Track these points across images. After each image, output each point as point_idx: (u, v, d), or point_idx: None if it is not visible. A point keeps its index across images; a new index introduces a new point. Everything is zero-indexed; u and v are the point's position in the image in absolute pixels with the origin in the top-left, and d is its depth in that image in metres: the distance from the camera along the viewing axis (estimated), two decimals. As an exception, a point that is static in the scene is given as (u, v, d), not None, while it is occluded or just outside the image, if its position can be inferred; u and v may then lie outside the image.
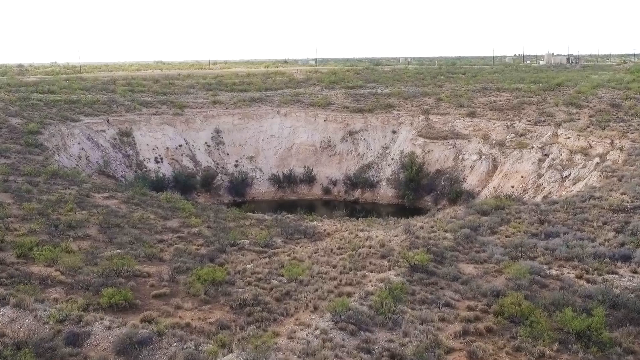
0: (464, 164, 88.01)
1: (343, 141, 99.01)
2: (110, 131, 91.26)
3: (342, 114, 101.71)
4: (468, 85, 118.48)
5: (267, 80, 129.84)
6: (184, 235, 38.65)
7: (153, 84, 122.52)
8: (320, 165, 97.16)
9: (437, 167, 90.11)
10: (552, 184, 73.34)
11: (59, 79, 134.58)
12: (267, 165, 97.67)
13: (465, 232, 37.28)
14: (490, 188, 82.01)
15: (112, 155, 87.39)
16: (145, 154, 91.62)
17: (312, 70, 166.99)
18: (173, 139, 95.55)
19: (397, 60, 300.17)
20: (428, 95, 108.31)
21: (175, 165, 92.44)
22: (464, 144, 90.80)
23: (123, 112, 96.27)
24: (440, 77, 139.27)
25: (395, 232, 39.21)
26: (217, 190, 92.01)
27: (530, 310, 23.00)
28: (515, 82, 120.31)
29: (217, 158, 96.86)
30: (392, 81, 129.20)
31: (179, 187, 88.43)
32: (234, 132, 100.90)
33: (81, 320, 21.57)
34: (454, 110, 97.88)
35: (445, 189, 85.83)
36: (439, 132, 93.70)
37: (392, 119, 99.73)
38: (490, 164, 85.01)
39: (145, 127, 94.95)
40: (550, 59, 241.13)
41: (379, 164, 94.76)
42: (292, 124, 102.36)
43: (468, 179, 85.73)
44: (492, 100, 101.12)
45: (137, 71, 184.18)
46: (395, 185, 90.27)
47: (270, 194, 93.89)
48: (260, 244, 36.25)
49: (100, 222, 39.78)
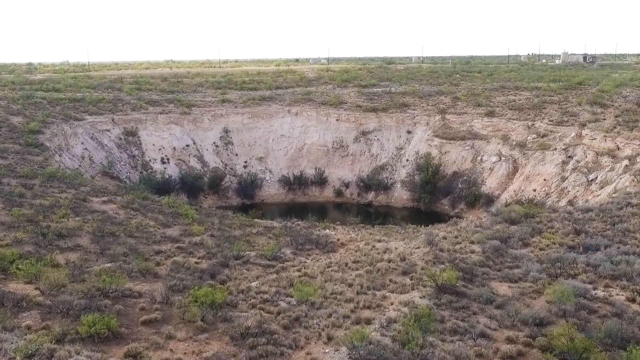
0: (483, 166, 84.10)
1: (356, 141, 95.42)
2: (115, 130, 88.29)
3: (355, 114, 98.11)
4: (485, 84, 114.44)
5: (277, 79, 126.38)
6: (185, 246, 35.28)
7: (161, 82, 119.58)
8: (332, 167, 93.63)
9: (454, 169, 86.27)
10: (578, 187, 69.34)
11: (65, 77, 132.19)
12: (277, 166, 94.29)
13: (494, 244, 33.63)
14: (511, 191, 78.12)
15: (116, 156, 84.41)
16: (151, 154, 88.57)
17: (324, 68, 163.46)
18: (180, 139, 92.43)
19: (410, 59, 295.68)
20: (444, 94, 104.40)
21: (182, 166, 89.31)
22: (483, 144, 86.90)
23: (129, 110, 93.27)
24: (456, 75, 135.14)
25: (416, 243, 35.65)
26: (225, 192, 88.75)
27: (586, 346, 19.35)
28: (534, 80, 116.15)
29: (225, 159, 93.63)
30: (406, 80, 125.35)
31: (185, 188, 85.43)
32: (243, 132, 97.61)
33: (53, 355, 18.24)
34: (471, 109, 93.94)
35: (463, 192, 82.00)
36: (456, 133, 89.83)
37: (407, 118, 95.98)
38: (510, 165, 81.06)
39: (151, 126, 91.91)
40: (566, 57, 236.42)
41: (394, 166, 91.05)
42: (303, 123, 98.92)
43: (487, 181, 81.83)
44: (511, 99, 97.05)
45: (146, 70, 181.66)
46: (410, 187, 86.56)
47: (280, 196, 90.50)
48: (268, 256, 32.80)
49: (94, 230, 36.53)
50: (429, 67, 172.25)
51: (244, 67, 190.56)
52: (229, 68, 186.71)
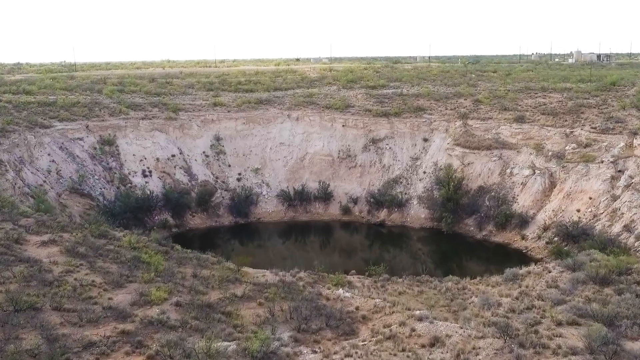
0: (513, 180, 72.59)
1: (365, 150, 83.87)
2: (89, 139, 76.89)
3: (364, 118, 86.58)
4: (506, 85, 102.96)
5: (276, 79, 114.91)
6: (132, 329, 23.80)
7: (148, 83, 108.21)
8: (338, 179, 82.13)
9: (479, 183, 74.77)
10: (634, 209, 57.94)
11: (45, 77, 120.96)
12: (276, 179, 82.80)
13: (597, 331, 22.12)
14: (549, 211, 66.67)
15: (89, 169, 73.02)
16: (130, 166, 77.15)
17: (327, 68, 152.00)
18: (165, 148, 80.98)
19: (414, 59, 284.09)
20: (463, 96, 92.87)
21: (167, 180, 77.85)
22: (512, 155, 75.37)
23: (106, 116, 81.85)
24: (471, 75, 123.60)
25: (475, 324, 24.11)
26: (216, 210, 77.35)
27: None
28: (560, 80, 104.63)
29: (216, 170, 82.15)
30: (417, 80, 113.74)
31: (169, 206, 74.16)
32: (237, 140, 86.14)
33: None
34: (497, 114, 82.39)
35: (491, 211, 70.47)
36: (481, 141, 78.32)
37: (423, 124, 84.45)
38: (546, 180, 69.56)
39: (132, 133, 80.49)
40: (579, 56, 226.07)
41: (409, 179, 79.52)
42: (305, 129, 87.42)
43: (519, 198, 70.34)
44: (540, 102, 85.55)
45: (137, 69, 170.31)
46: (428, 204, 75.04)
47: (278, 214, 79.00)
48: (255, 354, 21.31)
49: (5, 300, 25.13)
50: (439, 67, 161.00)
51: (242, 67, 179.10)
52: (226, 68, 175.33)
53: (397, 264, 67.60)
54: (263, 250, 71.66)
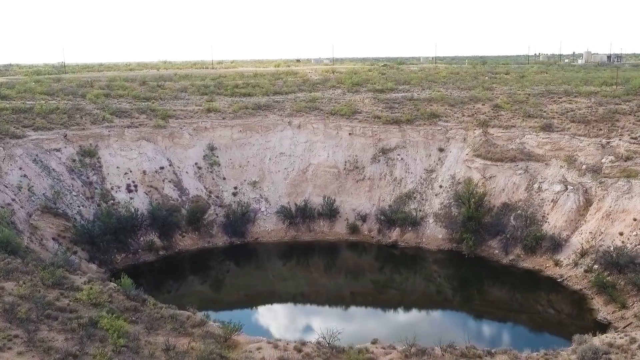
0: (542, 197, 64.63)
1: (374, 161, 75.90)
2: (67, 150, 68.98)
3: (373, 126, 78.61)
4: (525, 88, 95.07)
5: (276, 82, 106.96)
6: None
7: (138, 86, 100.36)
8: (344, 194, 74.18)
9: (503, 200, 66.82)
10: (691, 234, 50.01)
11: (28, 80, 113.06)
12: (275, 193, 74.83)
13: None
14: (585, 233, 58.71)
15: (67, 184, 65.03)
16: (113, 180, 69.19)
17: (329, 69, 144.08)
18: (152, 160, 73.01)
19: (418, 60, 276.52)
20: (480, 100, 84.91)
21: (154, 195, 69.89)
22: (540, 168, 67.47)
23: (88, 123, 73.93)
24: (484, 78, 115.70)
25: None
26: (209, 229, 69.48)
27: None
28: (582, 83, 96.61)
29: (209, 184, 74.17)
30: (427, 83, 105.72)
31: (156, 225, 66.29)
32: (233, 150, 78.18)
33: None
34: (520, 121, 74.46)
35: (518, 232, 62.57)
36: (504, 152, 70.39)
37: (438, 132, 76.52)
38: (580, 197, 61.62)
39: (116, 143, 72.56)
40: (589, 57, 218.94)
41: (423, 194, 71.58)
42: (308, 138, 79.46)
43: (550, 218, 62.40)
44: (566, 107, 77.61)
45: (130, 71, 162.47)
46: (446, 223, 67.14)
47: (279, 233, 71.04)
48: None
49: None
50: (447, 68, 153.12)
51: (240, 68, 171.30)
52: (223, 69, 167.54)
53: (413, 292, 59.70)
54: (261, 276, 63.81)
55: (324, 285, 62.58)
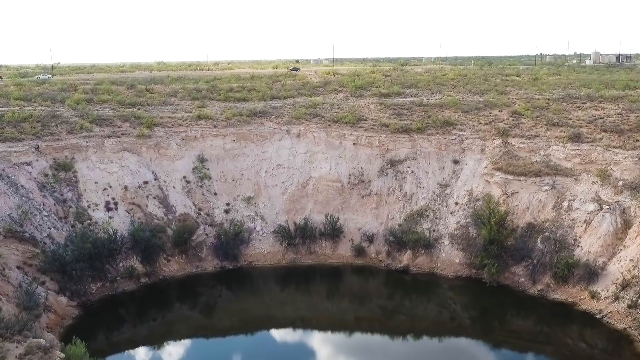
0: (573, 217, 57.27)
1: (381, 175, 68.49)
2: (39, 164, 61.59)
3: (379, 135, 71.21)
4: (542, 92, 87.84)
5: (273, 85, 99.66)
6: None
7: (125, 90, 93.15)
8: (348, 211, 66.79)
9: (527, 220, 59.43)
10: None
11: (11, 82, 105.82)
12: (272, 210, 67.43)
13: None
14: (625, 260, 51.34)
15: (37, 202, 57.62)
16: (91, 196, 61.78)
17: (330, 71, 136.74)
18: (135, 173, 65.57)
19: (420, 60, 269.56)
20: (496, 106, 77.57)
21: (137, 214, 62.45)
22: (569, 183, 60.11)
23: (64, 133, 66.56)
24: (495, 80, 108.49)
25: None
26: (198, 251, 62.16)
27: None
28: (603, 87, 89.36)
29: (199, 200, 66.74)
30: (435, 86, 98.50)
31: (138, 249, 59.02)
32: (226, 161, 70.78)
33: None
34: (544, 130, 67.15)
35: (547, 257, 55.22)
36: (527, 165, 63.02)
37: (452, 142, 69.16)
38: (618, 219, 54.24)
39: (94, 155, 65.16)
40: (597, 57, 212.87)
41: (437, 211, 64.19)
42: (308, 148, 72.04)
43: (583, 242, 55.05)
44: (594, 114, 70.41)
45: (122, 72, 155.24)
46: (463, 245, 59.79)
47: (276, 256, 63.64)
48: None
49: None
50: (454, 69, 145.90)
51: (236, 70, 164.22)
52: (219, 71, 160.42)
53: (430, 325, 51.72)
54: (256, 310, 56.30)
55: (326, 310, 55.42)
